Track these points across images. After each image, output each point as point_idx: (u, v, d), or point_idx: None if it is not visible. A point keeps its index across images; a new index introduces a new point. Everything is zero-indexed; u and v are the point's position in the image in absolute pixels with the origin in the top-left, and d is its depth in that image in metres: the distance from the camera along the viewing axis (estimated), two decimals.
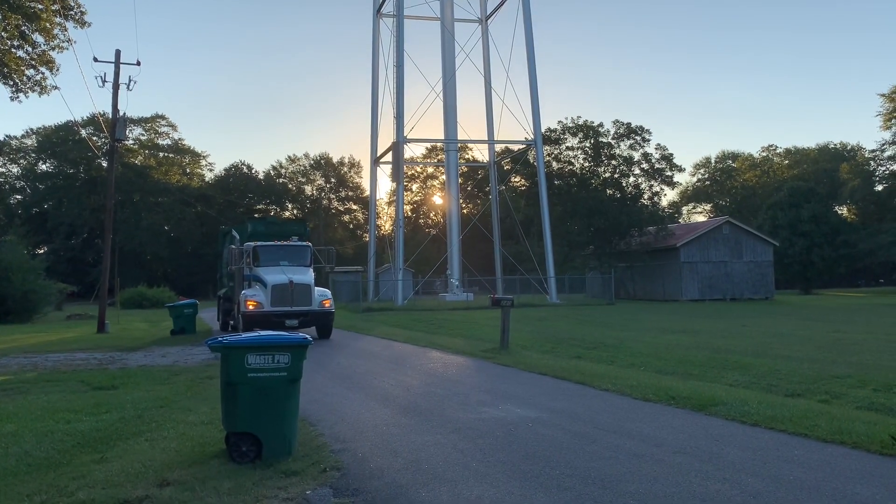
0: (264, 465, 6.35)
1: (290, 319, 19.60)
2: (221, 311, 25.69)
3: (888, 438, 6.90)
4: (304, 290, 20.17)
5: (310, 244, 22.30)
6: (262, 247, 21.20)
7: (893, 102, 64.99)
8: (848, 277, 73.80)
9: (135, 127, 77.26)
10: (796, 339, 18.17)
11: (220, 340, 6.62)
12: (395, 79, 44.60)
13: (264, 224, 25.04)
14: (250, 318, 19.48)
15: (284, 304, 19.79)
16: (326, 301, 20.73)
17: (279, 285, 19.85)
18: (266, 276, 20.19)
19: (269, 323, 18.61)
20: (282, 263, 20.74)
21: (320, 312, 20.52)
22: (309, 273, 21.00)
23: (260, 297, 19.92)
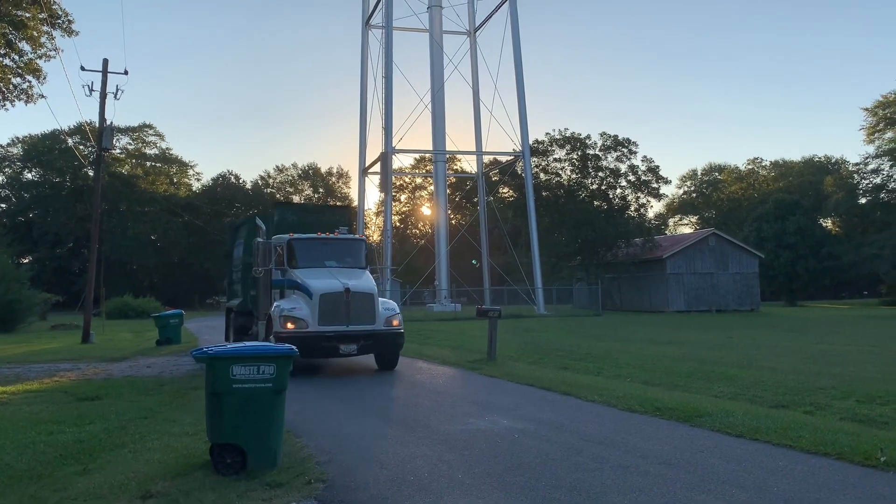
0: (249, 477, 6.31)
1: (345, 344, 13.98)
2: (233, 328, 18.79)
3: (874, 450, 6.94)
4: (366, 301, 14.28)
5: (365, 238, 16.86)
6: (301, 241, 15.47)
7: (876, 116, 65.75)
8: (832, 289, 74.34)
9: (122, 136, 76.85)
10: (781, 351, 18.27)
11: (204, 351, 6.59)
12: (384, 90, 44.70)
13: (296, 211, 19.25)
14: (290, 342, 12.24)
15: (338, 321, 13.97)
16: (395, 319, 14.65)
17: (331, 294, 13.98)
18: (310, 281, 14.36)
19: (315, 347, 13.72)
20: (328, 264, 15.22)
21: (387, 334, 14.47)
22: (368, 278, 15.24)
23: (303, 310, 14.03)
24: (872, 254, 60.25)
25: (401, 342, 14.90)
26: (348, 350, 14.03)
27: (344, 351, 14.01)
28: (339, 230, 16.43)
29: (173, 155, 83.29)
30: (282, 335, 13.56)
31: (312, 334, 13.76)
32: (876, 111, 65.61)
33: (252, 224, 17.57)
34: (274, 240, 15.69)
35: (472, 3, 51.21)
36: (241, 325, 17.95)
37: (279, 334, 13.69)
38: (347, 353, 14.08)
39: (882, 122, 65.59)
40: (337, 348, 13.96)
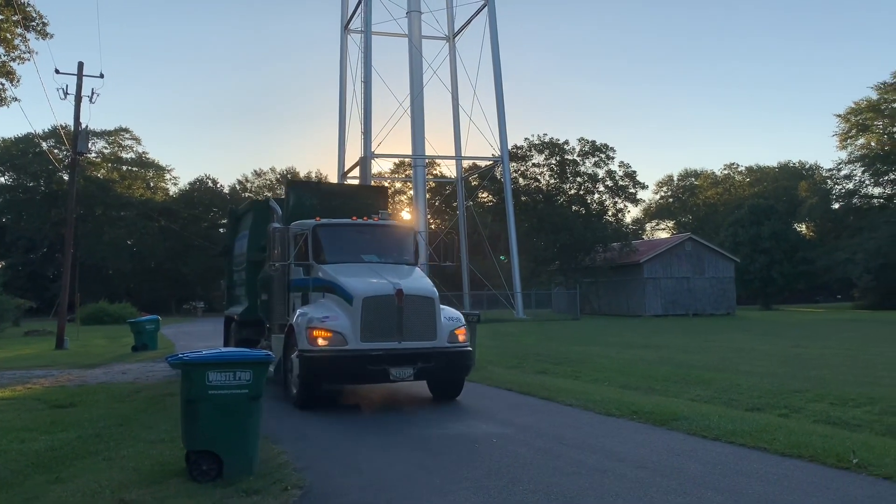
0: (225, 484, 6.26)
1: (398, 367, 10.29)
2: (234, 342, 15.19)
3: (847, 452, 7.04)
4: (424, 308, 10.63)
5: (412, 226, 13.52)
6: (331, 227, 11.95)
7: (849, 123, 66.81)
8: (806, 293, 75.34)
9: (98, 140, 76.12)
10: (757, 354, 18.47)
11: (179, 357, 6.54)
12: (363, 94, 44.63)
13: (316, 193, 14.40)
14: (322, 363, 10.21)
15: (387, 335, 10.34)
16: (460, 331, 11.05)
17: (377, 299, 10.38)
18: (347, 280, 10.77)
19: (357, 372, 10.27)
20: (366, 258, 11.80)
21: (453, 353, 10.79)
22: (422, 277, 11.65)
23: (338, 320, 10.36)
24: (845, 258, 61.09)
25: (470, 363, 11.08)
26: (401, 375, 10.21)
27: (396, 376, 10.18)
28: (380, 214, 12.74)
29: (150, 159, 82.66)
30: (311, 354, 10.14)
31: (353, 354, 10.06)
32: (848, 117, 66.67)
33: (261, 209, 14.37)
34: (294, 226, 12.05)
35: (450, 8, 51.31)
36: (244, 339, 14.21)
37: (307, 353, 10.16)
38: (400, 378, 10.25)
39: (854, 128, 66.67)
40: (386, 372, 10.10)
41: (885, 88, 63.77)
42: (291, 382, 10.93)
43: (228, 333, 16.73)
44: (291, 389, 10.94)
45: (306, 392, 10.53)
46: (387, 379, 10.26)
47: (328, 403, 11.25)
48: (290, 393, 11.02)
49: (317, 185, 16.03)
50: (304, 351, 10.30)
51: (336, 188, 16.55)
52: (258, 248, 13.78)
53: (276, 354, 11.44)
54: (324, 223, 11.94)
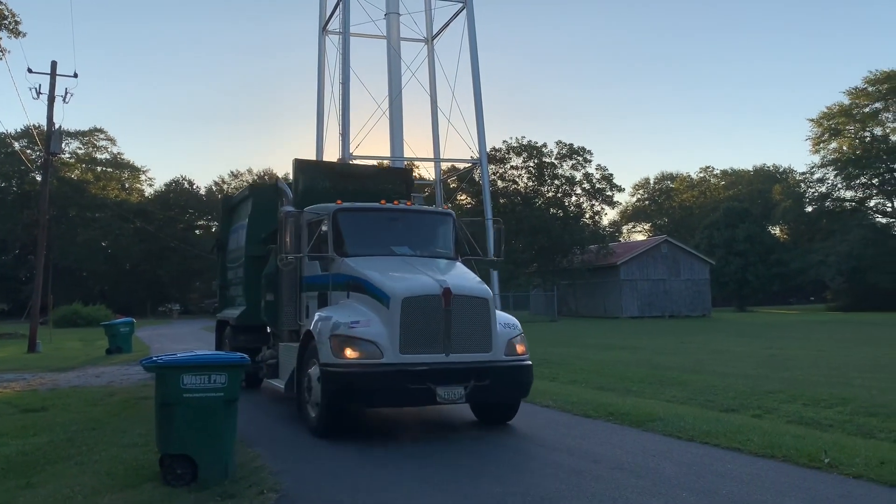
0: (200, 488, 6.20)
1: (446, 385, 8.28)
2: (229, 350, 12.57)
3: (819, 452, 7.13)
4: (477, 312, 8.63)
5: (451, 212, 11.01)
6: (355, 213, 10.04)
7: (821, 127, 67.82)
8: (781, 295, 76.34)
9: (71, 140, 75.23)
10: (732, 356, 18.65)
11: (153, 360, 6.47)
12: (342, 95, 44.48)
13: (329, 174, 11.99)
14: (351, 381, 8.20)
15: (431, 345, 8.37)
16: (519, 343, 9.05)
17: (420, 300, 8.41)
18: (380, 276, 8.82)
19: (396, 391, 8.21)
20: (398, 251, 9.80)
21: (511, 369, 8.82)
22: (469, 273, 9.56)
23: (372, 327, 8.40)
24: (819, 261, 61.99)
25: (530, 381, 9.04)
26: (450, 395, 8.23)
27: (444, 396, 8.20)
28: (413, 198, 11.17)
29: (125, 160, 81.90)
30: (337, 370, 8.15)
31: (391, 369, 8.08)
32: (821, 122, 67.68)
33: (263, 195, 12.72)
34: (309, 212, 10.02)
35: (429, 10, 51.30)
36: (241, 347, 11.90)
37: (332, 369, 8.20)
38: (449, 399, 8.27)
39: (827, 132, 67.68)
40: (431, 393, 8.12)
41: (857, 94, 64.83)
42: (308, 403, 8.77)
43: (221, 340, 14.18)
44: (308, 412, 8.77)
45: (330, 417, 8.39)
46: (432, 400, 8.18)
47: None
48: (306, 416, 8.88)
49: (330, 166, 13.10)
50: (329, 365, 8.22)
51: (353, 169, 13.34)
52: (259, 240, 12.19)
53: (284, 367, 10.07)
54: (346, 207, 9.91)
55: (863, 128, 66.51)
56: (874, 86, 63.71)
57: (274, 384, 10.65)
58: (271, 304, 11.01)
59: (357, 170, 13.61)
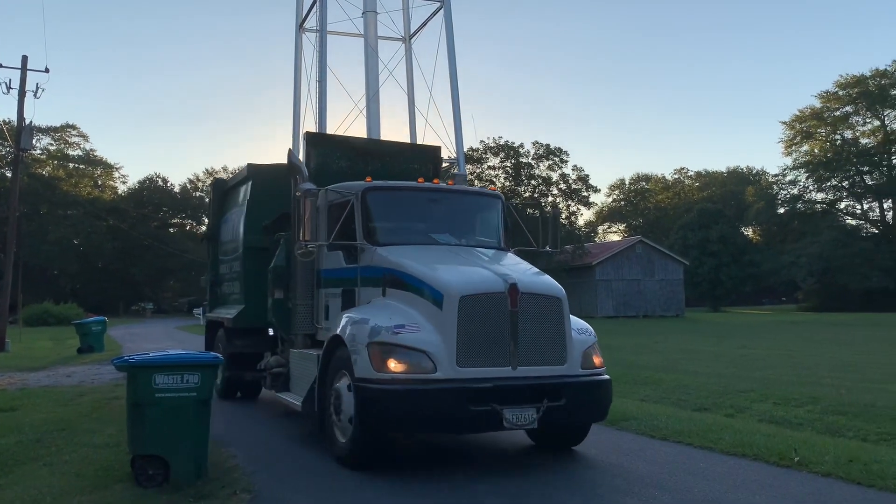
0: (172, 489, 6.13)
1: (515, 407, 6.63)
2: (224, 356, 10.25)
3: (789, 451, 7.23)
4: (548, 313, 7.07)
5: (500, 194, 9.60)
6: (387, 193, 8.56)
7: (793, 130, 68.90)
8: (753, 295, 77.31)
9: (43, 136, 73.96)
10: (705, 356, 18.86)
11: (125, 359, 6.40)
12: (318, 94, 44.26)
13: (347, 151, 10.29)
14: (398, 401, 6.54)
15: (496, 356, 6.73)
16: (596, 354, 7.59)
17: (481, 298, 6.81)
18: (425, 268, 7.31)
19: (454, 414, 6.51)
20: (440, 239, 8.37)
21: (589, 384, 7.27)
22: (530, 266, 8.02)
23: (423, 333, 6.76)
24: (790, 262, 62.92)
25: (609, 401, 7.52)
26: (520, 419, 6.64)
27: (512, 421, 6.60)
28: (455, 177, 9.98)
29: (98, 156, 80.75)
30: (379, 387, 6.55)
31: (448, 387, 6.51)
32: (793, 125, 68.75)
33: (264, 177, 11.21)
34: (334, 190, 8.44)
35: (407, 9, 51.22)
36: (238, 353, 10.92)
37: (371, 385, 6.60)
38: (519, 424, 6.69)
39: (799, 135, 68.79)
40: (497, 416, 6.52)
41: (828, 97, 65.92)
42: (336, 426, 7.14)
43: (213, 344, 12.36)
44: (336, 437, 7.15)
45: (367, 444, 6.81)
46: (497, 425, 6.57)
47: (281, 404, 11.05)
48: (331, 441, 7.26)
49: (347, 141, 10.98)
50: (367, 381, 6.62)
51: (374, 146, 11.19)
52: (259, 229, 10.72)
53: (299, 379, 8.51)
54: (378, 186, 8.38)
55: (834, 131, 67.67)
56: (845, 90, 64.85)
57: (287, 400, 8.68)
58: (280, 304, 9.35)
59: (379, 147, 11.14)
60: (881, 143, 65.42)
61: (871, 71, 63.88)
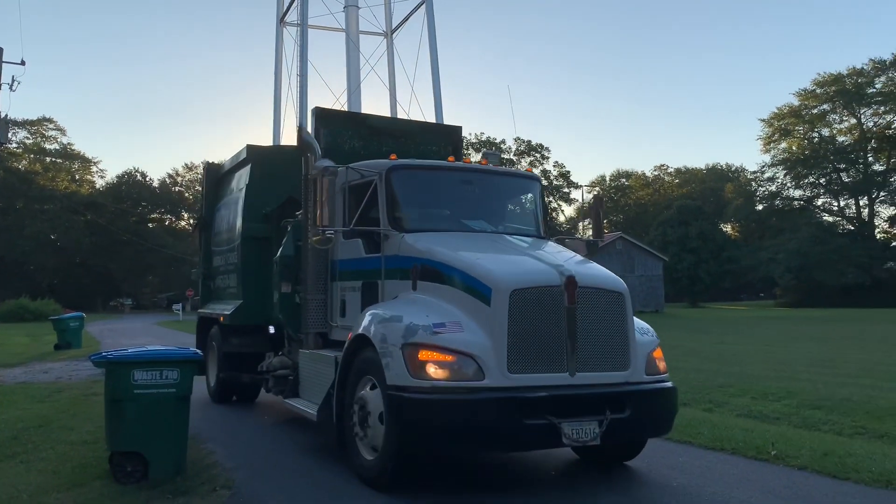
0: (151, 486, 6.08)
1: (574, 420, 5.70)
2: (219, 355, 10.76)
3: (766, 445, 7.32)
4: (610, 310, 6.14)
5: (538, 176, 8.80)
6: (414, 173, 7.64)
7: (772, 127, 69.59)
8: (731, 291, 78.14)
9: (18, 129, 73.02)
10: (684, 351, 19.00)
11: (103, 355, 6.33)
12: (299, 88, 44.04)
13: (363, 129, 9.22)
14: (440, 414, 5.56)
15: (551, 361, 5.81)
16: (659, 357, 6.64)
17: (534, 292, 5.87)
18: (468, 258, 6.34)
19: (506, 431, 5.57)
20: (474, 226, 7.54)
21: (654, 393, 6.32)
22: (578, 256, 7.25)
23: (468, 333, 5.81)
24: (768, 258, 63.58)
25: (675, 412, 6.64)
26: (581, 434, 5.73)
27: (572, 436, 5.70)
28: (488, 156, 8.70)
29: (75, 151, 79.91)
30: (417, 398, 5.63)
31: (499, 397, 5.64)
32: (772, 122, 69.46)
33: (264, 159, 10.49)
34: (354, 169, 7.34)
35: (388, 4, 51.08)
36: (235, 352, 10.26)
37: (408, 395, 5.67)
38: (580, 440, 5.75)
39: (777, 132, 69.51)
40: (554, 431, 5.65)
41: (806, 95, 66.64)
42: (360, 441, 6.27)
43: (206, 342, 11.49)
44: (360, 454, 6.25)
45: (401, 464, 5.85)
46: (555, 441, 5.69)
47: (258, 402, 10.99)
48: (354, 458, 6.33)
49: (361, 119, 9.91)
50: (402, 390, 5.69)
51: (389, 124, 9.96)
52: (260, 217, 9.98)
53: (311, 384, 7.59)
54: (404, 165, 7.48)
55: (811, 129, 68.45)
56: (822, 88, 65.62)
57: (297, 407, 7.68)
58: (286, 298, 8.50)
59: (395, 125, 10.08)
60: (857, 141, 66.28)
61: (847, 69, 64.76)
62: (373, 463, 6.05)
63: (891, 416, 9.07)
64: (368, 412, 6.09)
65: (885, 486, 6.01)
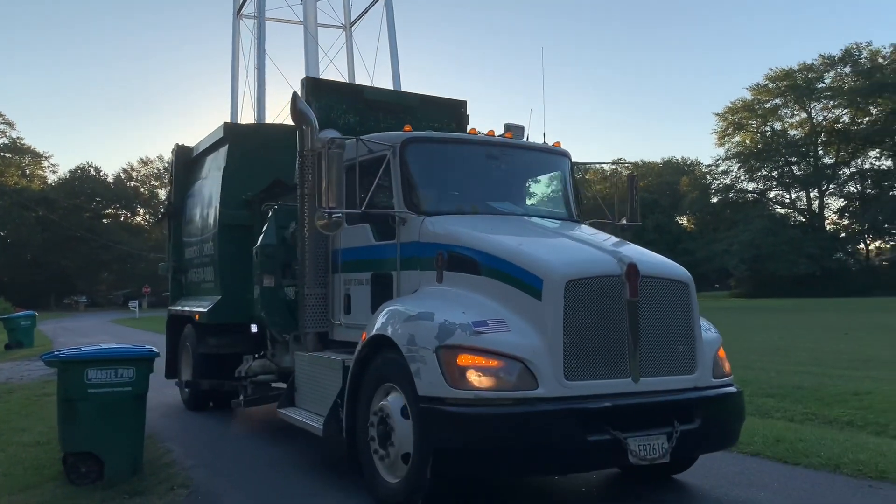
0: (106, 487, 5.99)
1: (640, 434, 4.85)
2: (193, 357, 9.80)
3: None
4: (674, 304, 5.41)
5: (568, 152, 7.72)
6: (432, 146, 6.71)
7: (726, 121, 70.83)
8: None
9: None
10: None
11: (56, 354, 6.21)
12: (256, 82, 43.48)
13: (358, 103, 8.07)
14: (488, 433, 4.66)
15: (612, 365, 4.99)
16: (722, 354, 5.89)
17: (591, 283, 5.04)
18: (509, 243, 5.55)
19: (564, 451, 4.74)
20: (501, 208, 6.67)
21: (724, 399, 5.58)
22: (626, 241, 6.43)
23: (517, 333, 4.92)
24: (723, 250, 64.79)
25: (743, 418, 5.92)
26: (650, 451, 4.88)
27: (639, 453, 4.83)
28: (513, 129, 7.42)
29: (25, 145, 77.84)
30: (457, 412, 4.74)
31: (557, 409, 4.79)
32: (726, 116, 70.69)
33: (248, 137, 9.72)
34: (366, 143, 6.28)
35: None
36: (212, 353, 9.33)
37: (448, 407, 4.77)
38: (648, 457, 4.87)
39: (731, 126, 70.79)
40: (620, 447, 4.80)
41: (759, 90, 67.99)
42: (381, 461, 5.35)
43: (178, 342, 10.47)
44: (380, 475, 5.34)
45: (436, 491, 4.94)
46: (621, 460, 4.89)
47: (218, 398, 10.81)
48: (374, 480, 5.39)
49: (356, 91, 8.58)
50: (437, 402, 4.81)
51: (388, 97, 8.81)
52: (240, 202, 9.12)
53: (311, 393, 6.65)
54: (420, 137, 6.61)
55: (764, 123, 69.86)
56: (774, 83, 66.99)
57: (296, 419, 6.62)
58: (270, 294, 7.65)
59: (394, 99, 8.89)
60: (808, 135, 67.84)
61: (798, 65, 66.19)
62: (398, 487, 5.10)
63: (839, 403, 9.37)
64: (392, 427, 5.16)
65: (832, 470, 6.20)
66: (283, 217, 7.70)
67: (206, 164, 10.45)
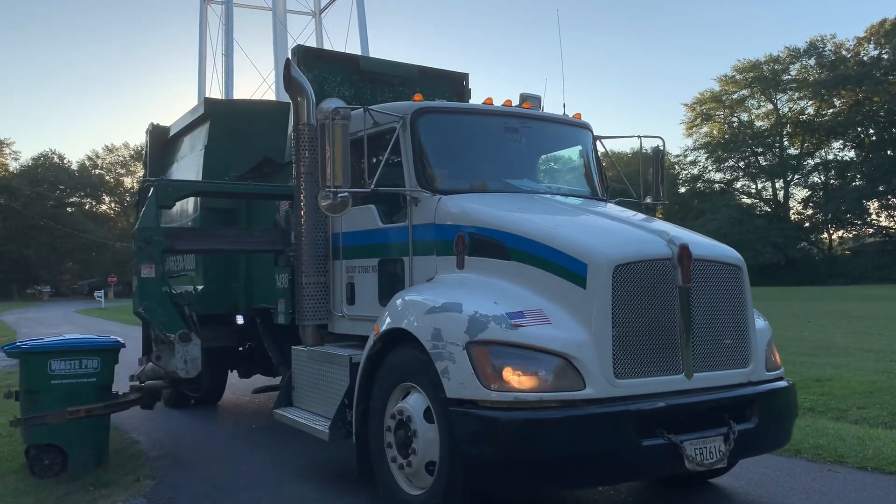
0: (70, 479, 5.93)
1: (696, 435, 4.35)
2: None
3: None
4: (727, 290, 4.84)
5: (589, 125, 7.01)
6: (447, 118, 6.01)
7: (694, 112, 71.61)
8: None
9: None
10: None
11: (17, 345, 6.12)
12: (224, 68, 42.96)
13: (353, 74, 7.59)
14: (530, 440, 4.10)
15: (664, 360, 4.44)
16: (774, 348, 5.37)
17: (640, 267, 4.46)
18: (544, 224, 4.95)
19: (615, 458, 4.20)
20: (521, 186, 5.98)
21: (778, 394, 5.01)
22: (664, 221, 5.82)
23: (559, 326, 4.32)
24: None
25: (797, 414, 5.52)
26: (707, 455, 4.37)
27: (697, 458, 4.31)
28: (530, 99, 6.64)
29: None
30: (495, 417, 4.12)
31: (607, 412, 4.21)
32: (694, 107, 71.48)
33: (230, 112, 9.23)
34: (372, 114, 5.68)
35: None
36: None
37: (483, 411, 4.16)
38: (706, 463, 4.35)
39: (699, 117, 71.59)
40: (675, 452, 4.26)
41: (727, 81, 68.81)
42: (399, 469, 4.77)
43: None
44: (397, 485, 4.79)
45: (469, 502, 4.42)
46: (677, 466, 4.33)
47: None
48: (391, 490, 4.82)
49: (351, 62, 7.76)
50: (472, 405, 4.26)
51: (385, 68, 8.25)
52: None
53: (311, 392, 6.01)
54: (432, 107, 5.91)
55: (731, 114, 70.78)
56: (741, 74, 67.85)
57: (298, 421, 5.90)
58: (152, 285, 6.71)
59: (392, 70, 8.21)
60: (773, 126, 68.89)
61: (765, 57, 67.08)
62: (421, 500, 4.58)
63: (801, 390, 9.41)
64: (412, 433, 4.58)
65: (793, 454, 6.35)
66: (164, 195, 6.93)
67: (185, 143, 9.86)
